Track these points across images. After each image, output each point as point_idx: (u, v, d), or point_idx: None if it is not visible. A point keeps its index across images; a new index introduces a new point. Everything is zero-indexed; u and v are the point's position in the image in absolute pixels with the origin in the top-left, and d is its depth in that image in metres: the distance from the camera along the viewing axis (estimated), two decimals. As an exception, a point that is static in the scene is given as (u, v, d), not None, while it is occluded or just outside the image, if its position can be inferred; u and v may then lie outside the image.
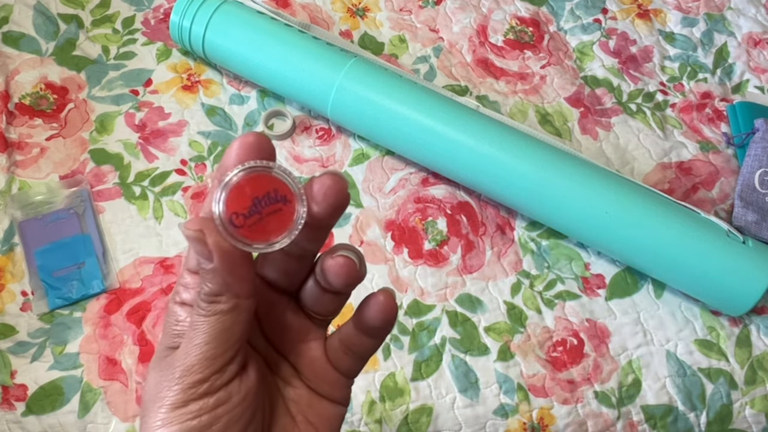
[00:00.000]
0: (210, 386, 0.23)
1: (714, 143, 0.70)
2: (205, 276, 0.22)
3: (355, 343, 0.27)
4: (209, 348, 0.23)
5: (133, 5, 0.75)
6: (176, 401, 0.22)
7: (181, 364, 0.23)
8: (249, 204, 0.21)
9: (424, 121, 0.60)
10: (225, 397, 0.23)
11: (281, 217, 0.21)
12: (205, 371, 0.22)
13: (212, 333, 0.23)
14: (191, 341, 0.23)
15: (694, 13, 0.79)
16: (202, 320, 0.23)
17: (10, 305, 0.57)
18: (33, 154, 0.64)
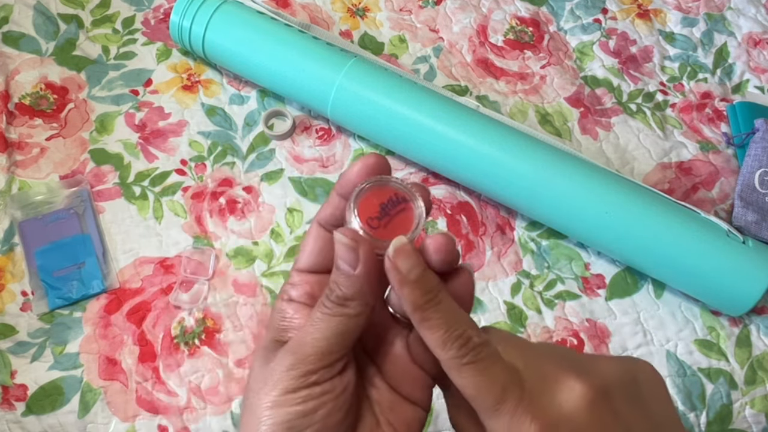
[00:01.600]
0: (319, 377, 0.25)
1: (714, 143, 0.70)
2: (341, 280, 0.25)
3: None
4: (327, 344, 0.25)
5: (133, 5, 0.75)
6: (288, 386, 0.24)
7: (295, 353, 0.25)
8: (378, 209, 0.25)
9: (424, 121, 0.60)
10: (330, 388, 0.25)
11: (407, 214, 0.26)
12: (317, 363, 0.25)
13: (333, 331, 0.25)
14: (309, 335, 0.25)
15: (694, 13, 0.79)
16: (326, 318, 0.25)
17: (10, 305, 0.57)
18: (33, 154, 0.64)
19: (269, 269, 0.61)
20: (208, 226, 0.62)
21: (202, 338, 0.57)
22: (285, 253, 0.61)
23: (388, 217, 0.25)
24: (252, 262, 0.61)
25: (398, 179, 0.26)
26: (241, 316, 0.58)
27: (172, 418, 0.54)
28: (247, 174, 0.65)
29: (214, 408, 0.55)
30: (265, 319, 0.58)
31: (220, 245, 0.61)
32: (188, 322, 0.57)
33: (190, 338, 0.57)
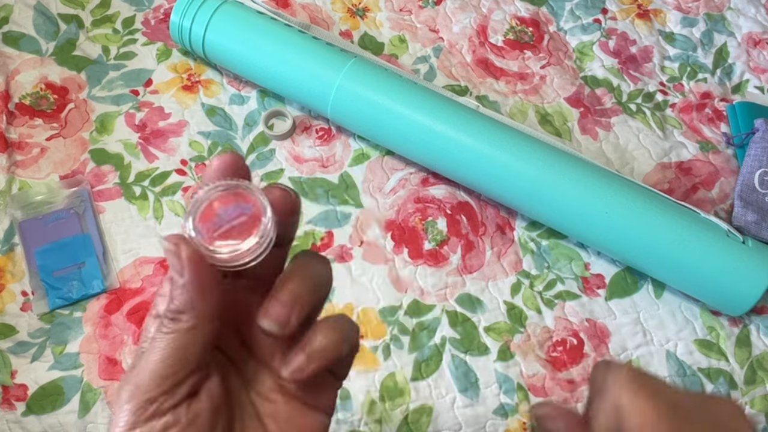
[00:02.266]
0: (157, 408, 0.22)
1: (714, 143, 0.70)
2: (174, 291, 0.22)
3: None
4: (162, 366, 0.22)
5: (133, 5, 0.75)
6: (126, 423, 0.22)
7: (133, 383, 0.22)
8: (216, 216, 0.23)
9: (424, 121, 0.60)
10: (173, 421, 0.22)
11: (248, 222, 0.23)
12: (154, 390, 0.22)
13: (167, 351, 0.22)
14: (146, 359, 0.23)
15: (694, 13, 0.79)
16: (161, 336, 0.23)
17: (10, 305, 0.57)
18: (33, 154, 0.65)
19: (269, 269, 0.61)
20: (208, 226, 0.62)
21: (202, 338, 0.57)
22: (285, 253, 0.61)
23: (227, 224, 0.23)
24: (252, 262, 0.61)
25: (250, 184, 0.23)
26: (241, 316, 0.58)
27: (172, 418, 0.54)
28: (247, 174, 0.65)
29: (214, 408, 0.54)
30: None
31: (220, 245, 0.61)
32: (188, 322, 0.57)
33: (190, 338, 0.57)
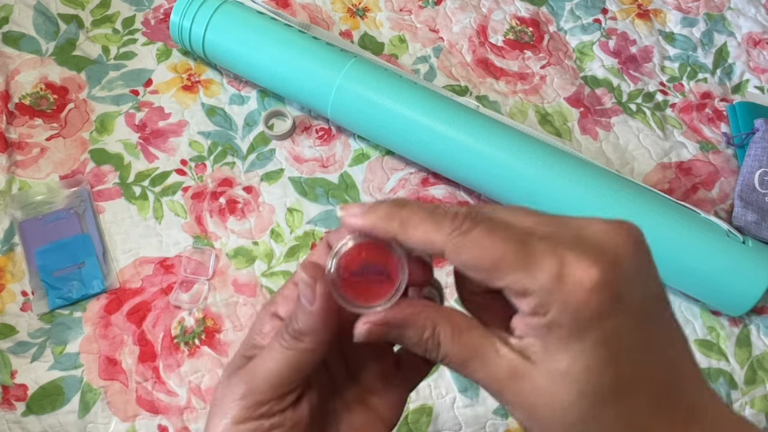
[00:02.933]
0: (268, 410, 0.25)
1: (714, 143, 0.70)
2: (299, 313, 0.24)
3: None
4: (278, 376, 0.25)
5: (133, 5, 0.75)
6: (237, 416, 0.24)
7: (247, 382, 0.25)
8: (359, 266, 0.24)
9: (424, 121, 0.60)
10: (278, 423, 0.25)
11: (381, 289, 0.24)
12: (266, 394, 0.25)
13: (285, 364, 0.25)
14: (263, 363, 0.25)
15: (694, 13, 0.79)
16: (280, 349, 0.25)
17: (11, 305, 0.57)
18: (33, 154, 0.65)
19: (269, 269, 0.61)
20: (208, 226, 0.62)
21: (203, 338, 0.57)
22: (285, 253, 0.61)
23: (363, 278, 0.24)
24: (252, 262, 0.61)
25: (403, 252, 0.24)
26: (241, 316, 0.58)
27: (172, 418, 0.54)
28: (247, 174, 0.65)
29: (214, 408, 0.55)
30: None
31: (220, 245, 0.61)
32: (188, 322, 0.58)
33: (190, 338, 0.57)
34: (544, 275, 0.21)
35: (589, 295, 0.20)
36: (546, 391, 0.22)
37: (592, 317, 0.21)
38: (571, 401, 0.21)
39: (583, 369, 0.21)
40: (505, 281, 0.22)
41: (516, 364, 0.22)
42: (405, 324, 0.24)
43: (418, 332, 0.24)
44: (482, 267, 0.22)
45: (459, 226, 0.22)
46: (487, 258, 0.22)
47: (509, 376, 0.22)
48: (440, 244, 0.22)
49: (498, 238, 0.22)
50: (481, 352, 0.23)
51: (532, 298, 0.21)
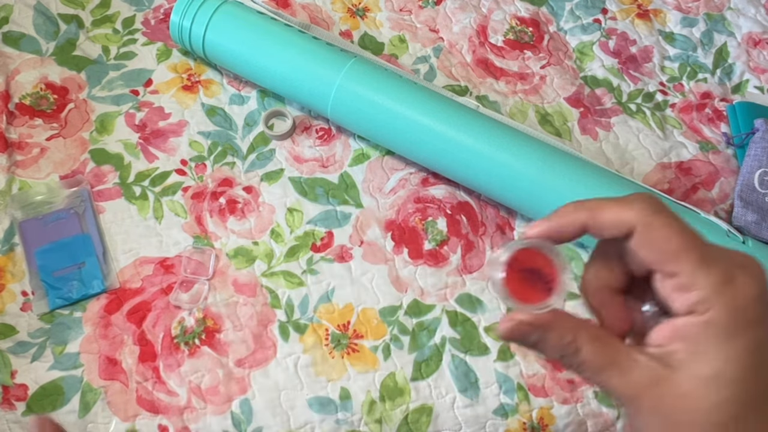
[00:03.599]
0: None
1: (714, 143, 0.70)
2: None
3: None
4: None
5: (133, 5, 0.75)
6: None
7: None
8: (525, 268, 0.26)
9: (424, 121, 0.60)
10: None
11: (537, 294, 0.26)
12: None
13: None
14: None
15: (693, 13, 0.79)
16: None
17: (11, 305, 0.57)
18: (33, 154, 0.65)
19: (269, 269, 0.61)
20: (208, 226, 0.62)
21: (203, 338, 0.57)
22: (285, 253, 0.61)
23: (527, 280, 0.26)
24: (252, 262, 0.61)
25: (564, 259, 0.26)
26: (241, 315, 0.58)
27: (173, 418, 0.54)
28: (247, 174, 0.65)
29: (214, 408, 0.55)
30: (264, 319, 0.58)
31: (220, 245, 0.61)
32: (188, 322, 0.58)
33: (191, 338, 0.57)
34: (717, 276, 0.23)
35: (752, 302, 0.23)
36: (690, 395, 0.23)
37: (749, 322, 0.23)
38: (716, 404, 0.23)
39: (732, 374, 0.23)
40: (679, 268, 0.23)
41: (656, 371, 0.24)
42: (549, 327, 0.25)
43: (559, 336, 0.25)
44: (666, 249, 0.24)
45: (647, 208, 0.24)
46: (674, 242, 0.23)
47: (649, 382, 0.24)
48: (631, 221, 0.24)
49: (683, 228, 0.24)
50: (618, 360, 0.24)
51: (697, 293, 0.23)
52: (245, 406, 0.55)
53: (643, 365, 0.24)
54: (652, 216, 0.24)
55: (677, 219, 0.24)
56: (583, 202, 0.26)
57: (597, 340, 0.25)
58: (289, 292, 0.60)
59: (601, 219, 0.25)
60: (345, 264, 0.61)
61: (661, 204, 0.24)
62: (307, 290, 0.60)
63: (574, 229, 0.25)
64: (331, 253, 0.62)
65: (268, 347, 0.57)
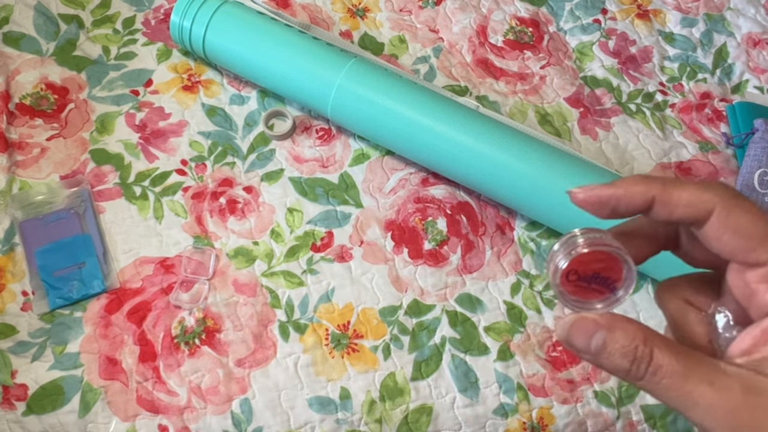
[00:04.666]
0: None
1: (713, 143, 0.70)
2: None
3: None
4: None
5: (133, 5, 0.75)
6: None
7: None
8: (589, 274, 0.23)
9: (424, 121, 0.60)
10: None
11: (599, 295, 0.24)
12: None
13: None
14: None
15: (693, 14, 0.79)
16: None
17: (11, 305, 0.57)
18: (33, 154, 0.65)
19: (269, 269, 0.61)
20: (209, 226, 0.62)
21: (203, 338, 0.57)
22: (285, 253, 0.62)
23: (586, 284, 0.24)
24: (252, 262, 0.61)
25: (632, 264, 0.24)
26: (241, 315, 0.58)
27: (173, 418, 0.54)
28: (248, 174, 0.65)
29: (214, 407, 0.55)
30: (264, 319, 0.58)
31: (220, 245, 0.61)
32: (188, 321, 0.58)
33: (191, 338, 0.57)
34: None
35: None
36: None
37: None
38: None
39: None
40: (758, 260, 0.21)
41: (752, 379, 0.21)
42: (615, 326, 0.22)
43: (629, 336, 0.22)
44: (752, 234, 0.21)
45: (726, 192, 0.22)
46: (761, 227, 0.21)
47: (746, 392, 0.21)
48: (710, 203, 0.22)
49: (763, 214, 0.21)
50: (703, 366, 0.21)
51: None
52: (245, 405, 0.55)
53: (735, 374, 0.21)
54: (734, 199, 0.21)
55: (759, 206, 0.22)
56: (655, 177, 0.23)
57: (672, 345, 0.22)
58: (289, 292, 0.60)
59: (677, 196, 0.22)
60: (345, 264, 0.61)
61: (738, 191, 0.22)
62: (307, 290, 0.60)
63: (643, 200, 0.23)
64: (331, 253, 0.62)
65: (268, 347, 0.57)
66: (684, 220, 0.22)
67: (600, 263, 0.23)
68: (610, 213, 0.24)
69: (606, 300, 0.24)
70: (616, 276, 0.24)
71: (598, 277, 0.24)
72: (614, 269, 0.24)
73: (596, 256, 0.23)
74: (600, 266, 0.23)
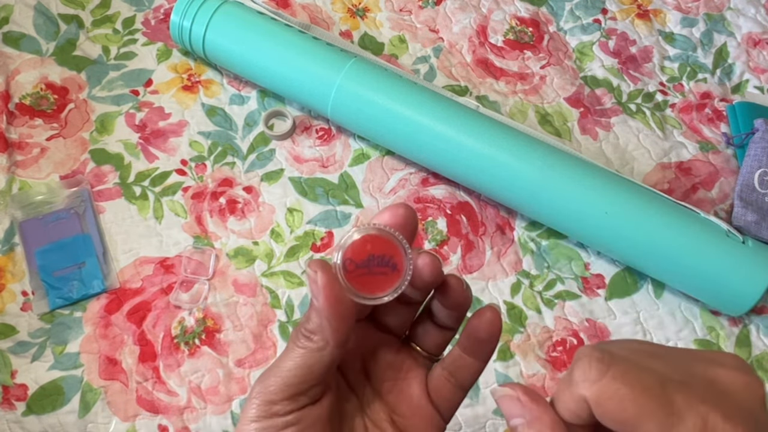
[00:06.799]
0: (279, 409, 0.25)
1: (714, 143, 0.70)
2: (310, 313, 0.25)
3: (459, 366, 0.28)
4: (289, 375, 0.25)
5: (133, 5, 0.75)
6: (252, 415, 0.25)
7: (262, 382, 0.25)
8: (365, 258, 0.24)
9: (424, 121, 0.60)
10: (293, 421, 0.25)
11: (386, 279, 0.24)
12: (278, 394, 0.25)
13: (296, 363, 0.25)
14: (278, 364, 0.25)
15: (693, 14, 0.79)
16: (293, 349, 0.25)
17: (11, 305, 0.57)
18: (33, 154, 0.65)
19: (269, 269, 0.61)
20: (209, 226, 0.62)
21: (203, 338, 0.57)
22: (285, 253, 0.62)
23: (367, 269, 0.24)
24: (252, 262, 0.61)
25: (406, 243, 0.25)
26: (241, 315, 0.58)
27: (173, 418, 0.54)
28: (247, 174, 0.65)
29: (214, 407, 0.55)
30: (264, 319, 0.58)
31: (220, 245, 0.61)
32: (188, 321, 0.58)
33: (191, 338, 0.57)
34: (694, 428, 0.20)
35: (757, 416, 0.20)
36: None
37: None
38: None
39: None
40: None
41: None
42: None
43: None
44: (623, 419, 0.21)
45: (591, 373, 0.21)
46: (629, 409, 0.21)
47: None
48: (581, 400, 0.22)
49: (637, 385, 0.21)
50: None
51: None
52: (245, 406, 0.55)
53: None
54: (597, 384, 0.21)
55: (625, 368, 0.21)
56: None
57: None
58: (289, 292, 0.60)
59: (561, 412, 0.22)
60: (345, 264, 0.61)
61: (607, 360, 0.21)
62: (308, 290, 0.60)
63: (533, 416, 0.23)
64: (331, 253, 0.62)
65: (268, 347, 0.57)
66: None
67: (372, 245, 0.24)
68: None
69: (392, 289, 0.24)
70: (393, 252, 0.24)
71: (374, 257, 0.24)
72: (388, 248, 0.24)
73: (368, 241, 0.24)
74: (373, 247, 0.24)
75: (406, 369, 0.28)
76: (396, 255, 0.24)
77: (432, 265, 0.25)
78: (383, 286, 0.24)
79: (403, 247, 0.24)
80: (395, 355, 0.28)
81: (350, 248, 0.24)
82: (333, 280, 0.24)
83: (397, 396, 0.28)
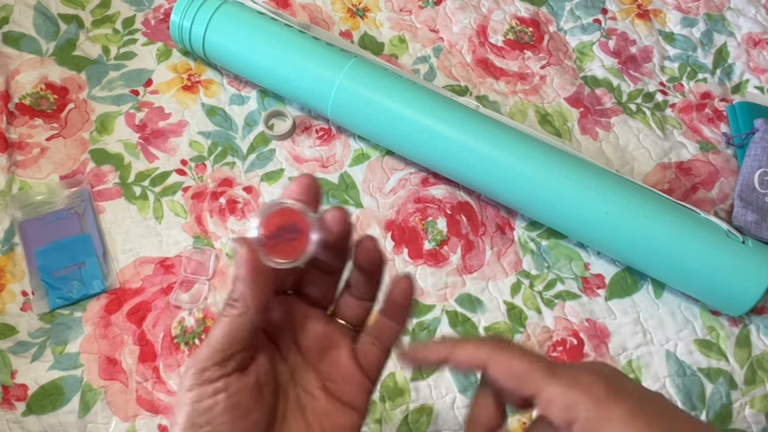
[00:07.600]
0: (210, 375, 0.27)
1: (714, 143, 0.70)
2: (234, 283, 0.27)
3: (382, 329, 0.31)
4: (216, 342, 0.27)
5: (133, 5, 0.75)
6: (188, 384, 0.27)
7: (195, 354, 0.28)
8: (274, 229, 0.27)
9: (424, 121, 0.60)
10: (222, 387, 0.27)
11: (296, 243, 0.27)
12: (208, 361, 0.27)
13: (222, 330, 0.27)
14: (208, 335, 0.28)
15: (693, 14, 0.79)
16: (220, 318, 0.28)
17: (11, 305, 0.57)
18: (33, 154, 0.65)
19: (269, 269, 0.61)
20: (209, 226, 0.62)
21: (203, 338, 0.57)
22: (285, 253, 0.61)
23: (279, 239, 0.27)
24: (252, 262, 0.61)
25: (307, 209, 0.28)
26: (241, 316, 0.58)
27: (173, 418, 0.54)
28: (248, 174, 0.65)
29: (214, 408, 0.55)
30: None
31: (220, 245, 0.61)
32: (188, 321, 0.58)
33: (191, 338, 0.57)
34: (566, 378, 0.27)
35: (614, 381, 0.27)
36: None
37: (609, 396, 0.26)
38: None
39: None
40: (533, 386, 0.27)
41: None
42: None
43: None
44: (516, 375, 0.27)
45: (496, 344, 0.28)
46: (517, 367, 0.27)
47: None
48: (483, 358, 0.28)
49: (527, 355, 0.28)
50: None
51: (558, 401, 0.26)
52: (245, 406, 0.55)
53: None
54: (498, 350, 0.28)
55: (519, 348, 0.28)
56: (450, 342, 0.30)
57: None
58: (289, 292, 0.60)
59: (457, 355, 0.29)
60: (345, 264, 0.61)
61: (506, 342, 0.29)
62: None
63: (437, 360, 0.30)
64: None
65: (268, 347, 0.57)
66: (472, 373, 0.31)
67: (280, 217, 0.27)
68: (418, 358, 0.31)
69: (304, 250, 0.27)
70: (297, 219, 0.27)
71: (282, 227, 0.27)
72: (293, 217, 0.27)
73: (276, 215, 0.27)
74: (281, 219, 0.27)
75: (334, 339, 0.31)
76: (300, 221, 0.27)
77: (335, 214, 0.27)
78: (297, 251, 0.27)
79: (305, 213, 0.27)
80: (324, 327, 0.31)
81: (263, 223, 0.27)
82: (252, 251, 0.26)
83: (328, 364, 0.30)
